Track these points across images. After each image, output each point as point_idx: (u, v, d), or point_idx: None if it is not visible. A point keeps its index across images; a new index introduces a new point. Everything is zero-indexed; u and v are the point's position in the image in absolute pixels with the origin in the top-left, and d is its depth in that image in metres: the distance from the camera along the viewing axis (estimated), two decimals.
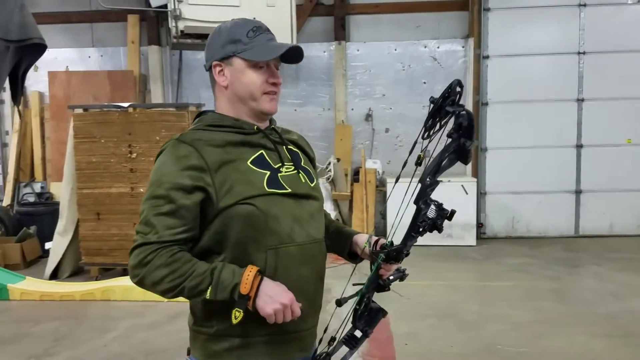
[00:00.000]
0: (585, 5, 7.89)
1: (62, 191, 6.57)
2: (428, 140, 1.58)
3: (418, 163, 1.59)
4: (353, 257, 1.81)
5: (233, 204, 1.52)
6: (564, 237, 7.95)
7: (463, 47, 8.18)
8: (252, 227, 1.53)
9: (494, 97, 8.07)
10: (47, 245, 6.75)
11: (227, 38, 1.62)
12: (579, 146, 8.06)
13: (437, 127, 1.58)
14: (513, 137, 8.06)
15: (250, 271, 1.47)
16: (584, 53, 7.94)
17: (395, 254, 1.61)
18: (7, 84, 3.98)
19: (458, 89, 1.55)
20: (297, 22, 7.47)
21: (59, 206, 6.58)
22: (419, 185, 1.57)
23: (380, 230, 8.04)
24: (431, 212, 1.55)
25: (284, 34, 7.06)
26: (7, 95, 8.16)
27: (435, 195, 1.58)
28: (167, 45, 8.38)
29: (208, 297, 1.47)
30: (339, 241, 1.84)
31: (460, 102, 1.57)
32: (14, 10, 3.65)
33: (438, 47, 8.22)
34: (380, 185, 8.12)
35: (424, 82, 8.22)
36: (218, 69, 1.65)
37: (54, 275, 6.40)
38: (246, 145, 1.62)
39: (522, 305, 5.15)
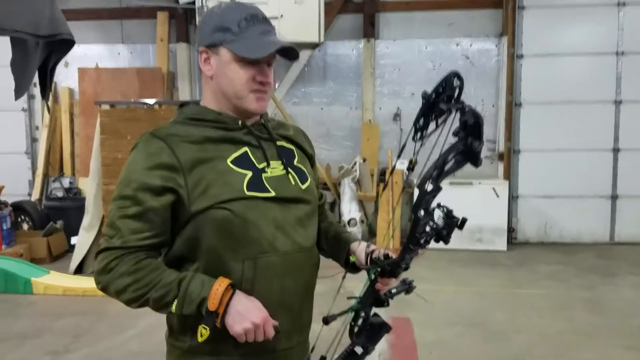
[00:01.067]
0: (624, 4, 7.58)
1: (88, 187, 6.60)
2: (420, 142, 1.39)
3: (410, 168, 1.43)
4: (349, 265, 1.64)
5: (206, 208, 1.37)
6: (599, 244, 7.65)
7: (496, 45, 7.95)
8: (228, 234, 1.38)
9: (528, 97, 7.82)
10: (73, 240, 6.78)
11: (217, 24, 1.44)
12: (616, 150, 7.75)
13: (432, 127, 1.39)
14: (547, 139, 7.80)
15: (220, 285, 1.32)
16: (622, 53, 7.64)
17: (391, 269, 1.45)
18: (36, 79, 4.02)
19: (456, 82, 1.36)
20: (325, 20, 7.37)
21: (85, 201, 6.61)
22: (418, 191, 1.38)
23: (407, 232, 7.88)
24: (438, 220, 1.38)
25: (312, 31, 6.98)
26: (37, 90, 8.25)
27: (464, 197, 1.43)
28: (196, 43, 8.35)
29: (174, 311, 1.33)
30: (337, 248, 1.67)
31: (461, 98, 1.37)
32: (43, 6, 3.65)
33: (470, 46, 8.00)
34: (407, 186, 7.94)
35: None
36: (204, 55, 1.47)
37: (79, 270, 6.42)
38: (227, 142, 1.45)
39: (553, 315, 4.93)
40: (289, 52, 1.47)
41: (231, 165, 1.42)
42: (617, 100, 7.69)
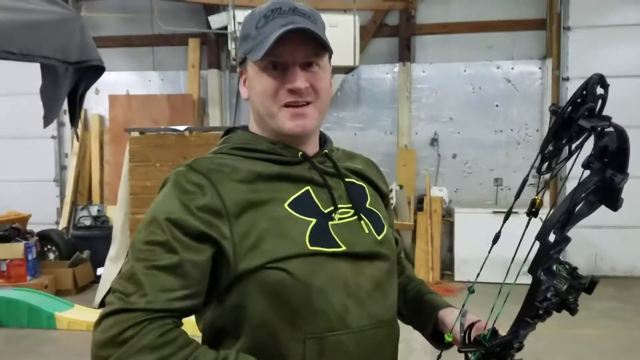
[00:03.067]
0: None
1: (115, 216, 6.39)
2: (547, 175, 1.07)
3: (532, 212, 1.07)
4: (438, 338, 1.29)
5: (257, 268, 1.04)
6: None
7: (540, 68, 7.57)
8: (284, 303, 1.05)
9: None
10: (99, 271, 6.56)
11: (241, 35, 1.17)
12: None
13: (565, 153, 1.04)
14: None
15: None
16: None
17: (500, 350, 1.10)
18: (66, 106, 3.90)
19: (599, 90, 1.00)
20: (360, 43, 7.11)
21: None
22: (538, 244, 1.05)
23: (447, 264, 7.48)
24: (558, 282, 1.06)
25: (346, 54, 6.71)
26: (67, 117, 8.16)
27: (508, 227, 1.09)
28: (227, 69, 8.20)
29: None
30: (420, 314, 1.32)
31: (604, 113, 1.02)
32: (73, 32, 3.51)
33: (512, 68, 7.64)
34: (447, 215, 7.56)
35: (497, 105, 7.64)
36: (242, 77, 1.20)
37: (105, 304, 6.15)
38: (285, 179, 1.14)
39: None
40: (319, 42, 1.11)
41: (290, 210, 1.10)
42: None
